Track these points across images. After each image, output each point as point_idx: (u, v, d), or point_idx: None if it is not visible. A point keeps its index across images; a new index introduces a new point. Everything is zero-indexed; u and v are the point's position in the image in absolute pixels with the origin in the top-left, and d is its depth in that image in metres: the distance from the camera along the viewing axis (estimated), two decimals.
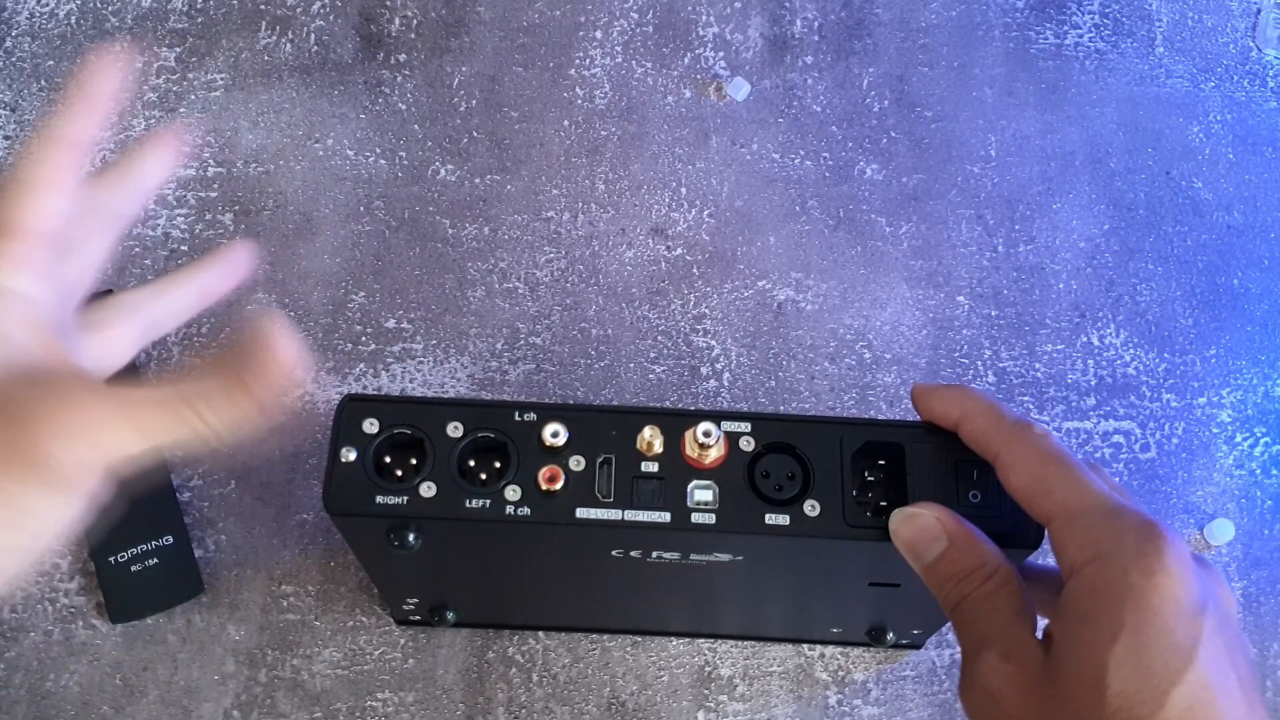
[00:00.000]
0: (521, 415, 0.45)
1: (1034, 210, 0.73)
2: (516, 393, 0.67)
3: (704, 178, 0.73)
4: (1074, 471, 0.40)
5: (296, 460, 0.65)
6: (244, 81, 0.74)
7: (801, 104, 0.75)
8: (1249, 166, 0.75)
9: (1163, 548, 0.36)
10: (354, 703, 0.61)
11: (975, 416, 0.43)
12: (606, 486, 0.44)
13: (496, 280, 0.69)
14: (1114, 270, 0.72)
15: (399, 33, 0.76)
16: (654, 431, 0.45)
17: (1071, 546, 0.38)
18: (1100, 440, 0.68)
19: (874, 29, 0.77)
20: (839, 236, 0.72)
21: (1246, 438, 0.68)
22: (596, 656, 0.62)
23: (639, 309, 0.69)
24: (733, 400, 0.67)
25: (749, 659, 0.62)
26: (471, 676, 0.61)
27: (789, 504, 0.44)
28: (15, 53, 0.74)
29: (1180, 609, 0.35)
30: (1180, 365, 0.70)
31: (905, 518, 0.43)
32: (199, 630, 0.61)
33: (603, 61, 0.76)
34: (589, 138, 0.73)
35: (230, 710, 0.60)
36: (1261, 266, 0.72)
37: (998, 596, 0.40)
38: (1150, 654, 0.35)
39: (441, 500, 0.44)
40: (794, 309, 0.70)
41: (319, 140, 0.73)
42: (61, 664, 0.60)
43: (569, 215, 0.71)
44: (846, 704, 0.62)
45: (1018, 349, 0.69)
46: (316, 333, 0.68)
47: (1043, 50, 0.77)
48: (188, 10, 0.75)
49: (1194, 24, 0.79)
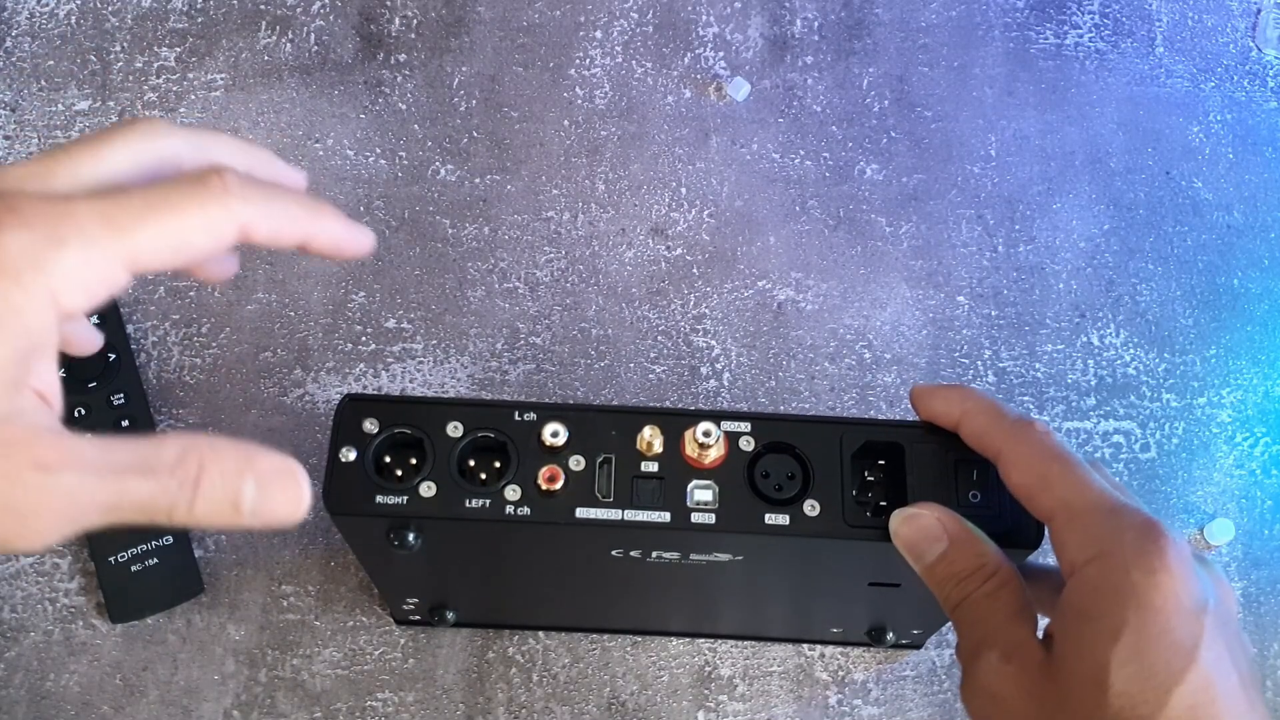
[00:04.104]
0: (521, 415, 0.45)
1: (1034, 210, 0.73)
2: (516, 393, 0.67)
3: (704, 178, 0.73)
4: (1075, 470, 0.40)
5: (296, 460, 0.65)
6: (244, 81, 0.74)
7: (801, 104, 0.75)
8: (1249, 166, 0.75)
9: (1164, 546, 0.36)
10: (354, 703, 0.60)
11: (976, 415, 0.43)
12: (606, 486, 0.44)
13: (496, 280, 0.69)
14: (1114, 270, 0.72)
15: (399, 33, 0.76)
16: (654, 431, 0.45)
17: (1072, 545, 0.38)
18: (1100, 440, 0.68)
19: (874, 29, 0.77)
20: (839, 236, 0.72)
21: (1246, 438, 0.68)
22: (596, 656, 0.62)
23: (639, 309, 0.69)
24: (733, 400, 0.67)
25: (749, 659, 0.62)
26: (471, 676, 0.61)
27: (789, 504, 0.44)
28: (15, 53, 0.74)
29: (1182, 608, 0.35)
30: (1180, 365, 0.70)
31: (906, 518, 0.43)
32: (199, 630, 0.61)
33: (603, 61, 0.75)
34: (589, 138, 0.73)
35: (230, 710, 0.60)
36: (1261, 266, 0.72)
37: (998, 597, 0.40)
38: (1152, 653, 0.35)
39: (441, 500, 0.44)
40: (794, 309, 0.70)
41: (319, 140, 0.73)
42: (61, 664, 0.60)
43: (569, 215, 0.71)
44: (846, 704, 0.62)
45: (1018, 349, 0.69)
46: (316, 333, 0.67)
47: (1043, 50, 0.77)
48: (188, 10, 0.75)
49: (1194, 24, 0.79)
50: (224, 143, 0.36)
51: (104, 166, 0.32)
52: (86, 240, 0.30)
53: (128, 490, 0.30)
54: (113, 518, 0.30)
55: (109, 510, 0.30)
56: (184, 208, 0.31)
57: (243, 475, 0.31)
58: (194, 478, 0.30)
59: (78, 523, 0.30)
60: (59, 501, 0.29)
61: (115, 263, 0.30)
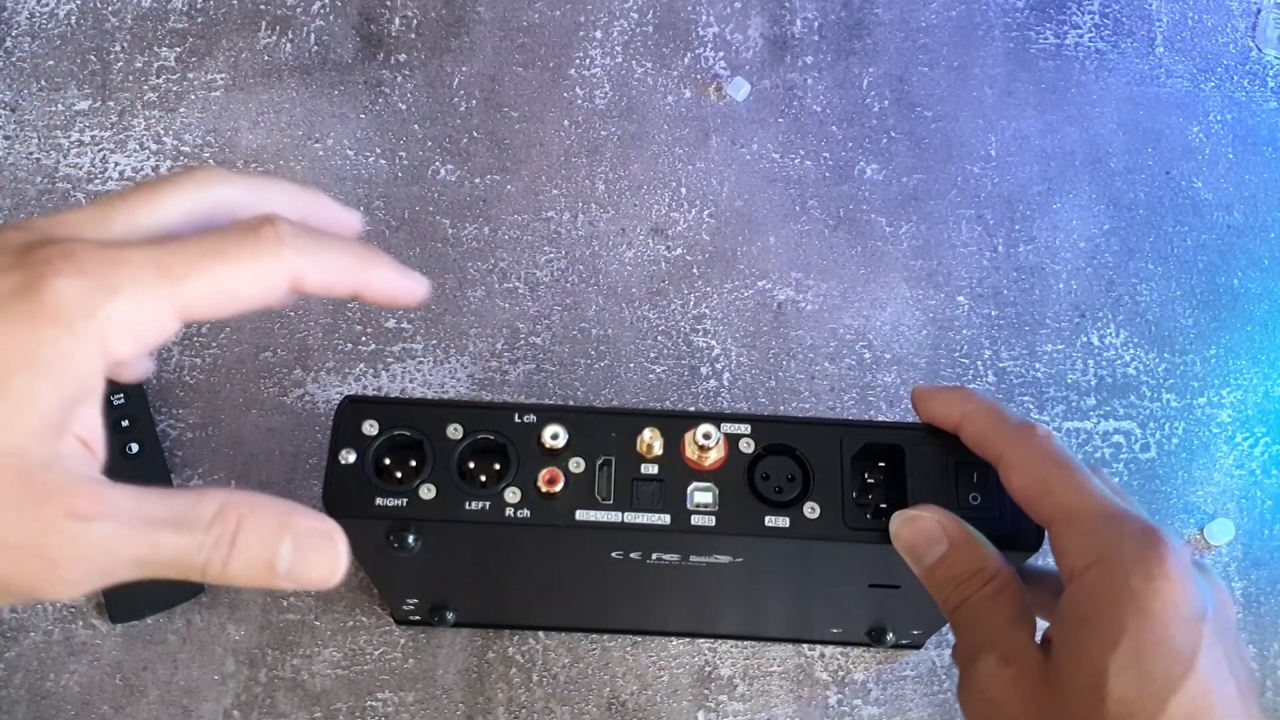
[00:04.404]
0: (521, 417, 0.45)
1: (1034, 210, 0.73)
2: (516, 393, 0.67)
3: (704, 178, 0.73)
4: (1076, 474, 0.40)
5: (296, 460, 0.65)
6: (244, 81, 0.74)
7: (801, 104, 0.75)
8: (1249, 166, 0.75)
9: (1163, 553, 0.36)
10: (354, 703, 0.61)
11: (977, 418, 0.43)
12: (606, 488, 0.44)
13: (496, 280, 0.69)
14: (1114, 270, 0.72)
15: (399, 33, 0.76)
16: (654, 433, 0.45)
17: (1072, 550, 0.38)
18: (1100, 440, 0.68)
19: (874, 29, 0.77)
20: (839, 236, 0.72)
21: (1246, 438, 0.68)
22: (596, 656, 0.62)
23: (639, 309, 0.69)
24: (733, 400, 0.67)
25: (749, 659, 0.62)
26: (471, 676, 0.61)
27: (789, 506, 0.44)
28: (15, 53, 0.74)
29: (1180, 615, 0.35)
30: (1180, 365, 0.70)
31: (906, 520, 0.43)
32: (199, 630, 0.61)
33: (603, 61, 0.75)
34: (589, 138, 0.73)
35: (230, 710, 0.60)
36: (1261, 266, 0.72)
37: (997, 600, 0.40)
38: (1150, 660, 0.35)
39: (441, 502, 0.44)
40: (794, 309, 0.70)
41: (319, 140, 0.72)
42: (61, 664, 0.60)
43: (569, 215, 0.71)
44: (846, 704, 0.62)
45: (1018, 349, 0.69)
46: (316, 333, 0.68)
47: (1043, 50, 0.77)
48: (188, 10, 0.75)
49: (1194, 24, 0.78)
50: (279, 188, 0.36)
51: (161, 214, 0.32)
52: (139, 288, 0.29)
53: (161, 544, 0.30)
54: (145, 572, 0.30)
55: (141, 564, 0.30)
56: (236, 257, 0.31)
57: (280, 535, 0.31)
58: (231, 535, 0.30)
59: (109, 575, 0.30)
60: (90, 551, 0.29)
61: (167, 311, 0.30)
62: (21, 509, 0.28)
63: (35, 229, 0.30)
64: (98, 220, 0.31)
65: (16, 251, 0.29)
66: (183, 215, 0.33)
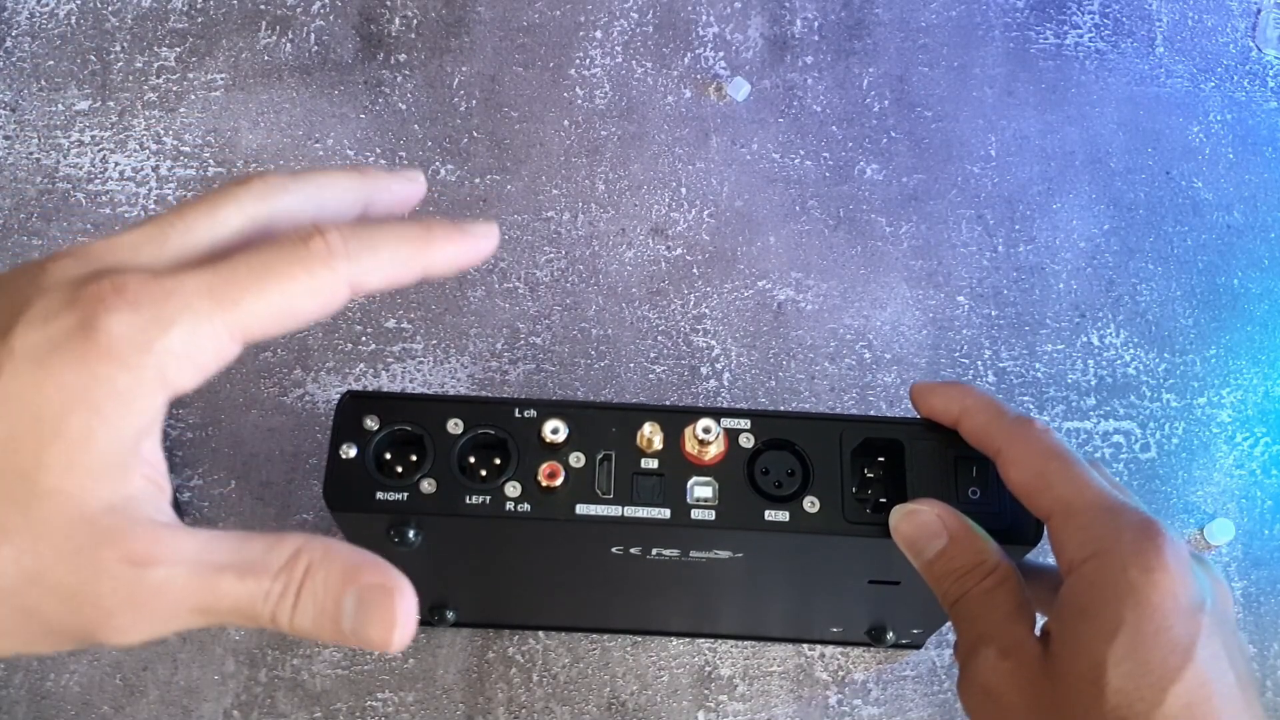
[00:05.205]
0: (522, 412, 0.45)
1: (1034, 210, 0.73)
2: (516, 392, 0.67)
3: (704, 178, 0.73)
4: (1074, 468, 0.40)
5: (296, 460, 0.65)
6: (244, 81, 0.74)
7: (801, 104, 0.75)
8: (1249, 166, 0.75)
9: (1161, 545, 0.36)
10: (354, 703, 0.60)
11: (976, 412, 0.43)
12: (606, 483, 0.44)
13: (496, 280, 0.70)
14: (1114, 270, 0.72)
15: (399, 33, 0.76)
16: (654, 428, 0.45)
17: (1070, 543, 0.38)
18: (1100, 440, 0.68)
19: (874, 29, 0.78)
20: (839, 236, 0.72)
21: (1246, 438, 0.68)
22: (596, 656, 0.62)
23: (639, 309, 0.69)
24: (733, 400, 0.67)
25: (749, 659, 0.62)
26: (471, 676, 0.61)
27: (788, 500, 0.44)
28: (15, 53, 0.74)
29: (1179, 606, 0.35)
30: (1180, 365, 0.70)
31: (905, 514, 0.43)
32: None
33: (603, 61, 0.76)
34: (589, 138, 0.74)
35: (230, 710, 0.60)
36: (1261, 266, 0.72)
37: (996, 593, 0.40)
38: (1149, 651, 0.35)
39: (442, 496, 0.44)
40: (794, 309, 0.70)
41: (319, 140, 0.73)
42: (61, 664, 0.60)
43: (569, 215, 0.71)
44: (846, 704, 0.62)
45: (1018, 349, 0.69)
46: (316, 333, 0.68)
47: (1043, 50, 0.77)
48: (188, 10, 0.76)
49: (1194, 24, 0.79)
50: (335, 184, 0.35)
51: (218, 229, 0.32)
52: (194, 316, 0.29)
53: (223, 591, 0.29)
54: (210, 620, 0.29)
55: (203, 611, 0.29)
56: (290, 274, 0.30)
57: (345, 588, 0.30)
58: (298, 584, 0.29)
59: (170, 622, 0.29)
60: (146, 598, 0.28)
61: (224, 337, 0.30)
62: (78, 553, 0.27)
63: (90, 257, 0.30)
64: (156, 239, 0.31)
65: (70, 287, 0.28)
66: (240, 228, 0.32)
